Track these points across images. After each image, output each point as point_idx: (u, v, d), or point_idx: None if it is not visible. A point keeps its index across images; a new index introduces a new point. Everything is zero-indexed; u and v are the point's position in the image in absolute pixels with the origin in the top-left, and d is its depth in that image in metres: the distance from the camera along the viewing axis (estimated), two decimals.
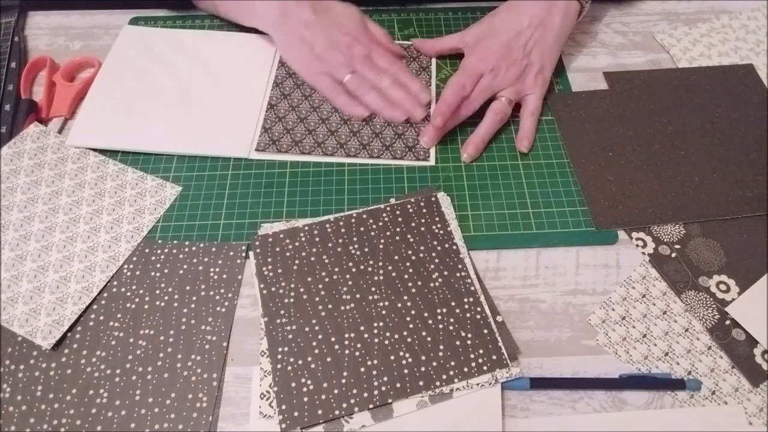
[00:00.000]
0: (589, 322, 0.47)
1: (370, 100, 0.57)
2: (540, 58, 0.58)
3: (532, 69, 0.58)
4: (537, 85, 0.58)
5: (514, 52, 0.57)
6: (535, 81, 0.58)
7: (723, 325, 0.47)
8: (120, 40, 0.64)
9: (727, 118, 0.59)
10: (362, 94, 0.57)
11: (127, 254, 0.50)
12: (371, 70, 0.57)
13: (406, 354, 0.44)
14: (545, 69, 0.58)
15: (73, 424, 0.42)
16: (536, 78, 0.58)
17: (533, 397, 0.44)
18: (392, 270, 0.48)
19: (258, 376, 0.44)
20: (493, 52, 0.57)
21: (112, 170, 0.55)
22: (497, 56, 0.57)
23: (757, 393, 0.44)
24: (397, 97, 0.56)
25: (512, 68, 0.57)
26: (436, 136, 0.56)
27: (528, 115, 0.58)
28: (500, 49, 0.57)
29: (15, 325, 0.46)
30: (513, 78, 0.57)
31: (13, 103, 0.59)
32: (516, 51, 0.57)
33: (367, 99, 0.57)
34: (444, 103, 0.55)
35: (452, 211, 0.52)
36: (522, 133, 0.57)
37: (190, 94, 0.60)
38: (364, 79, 0.57)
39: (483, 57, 0.58)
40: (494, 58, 0.57)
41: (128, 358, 0.45)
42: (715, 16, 0.69)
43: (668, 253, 0.50)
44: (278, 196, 0.54)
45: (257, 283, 0.48)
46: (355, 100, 0.57)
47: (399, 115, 0.56)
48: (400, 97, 0.56)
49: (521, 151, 0.57)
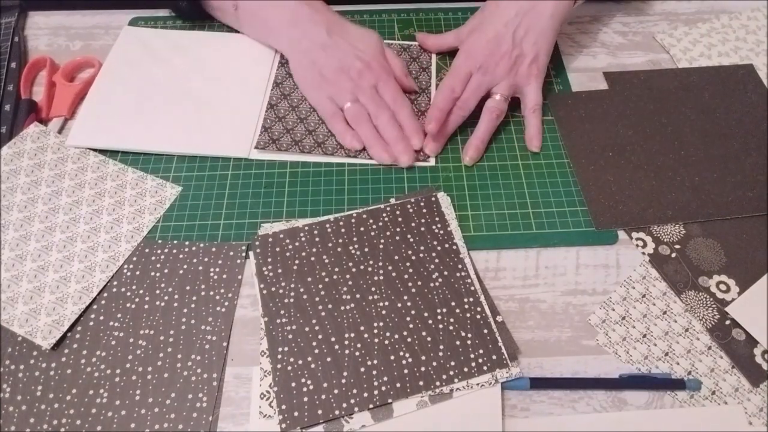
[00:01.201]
0: (589, 322, 0.47)
1: (363, 133, 0.56)
2: (533, 46, 0.56)
3: (525, 59, 0.56)
4: (532, 75, 0.57)
5: (502, 44, 0.56)
6: (529, 70, 0.56)
7: (723, 325, 0.47)
8: (120, 41, 0.64)
9: (727, 118, 0.59)
10: (357, 125, 0.56)
11: (127, 254, 0.50)
12: (372, 102, 0.56)
13: (406, 354, 0.44)
14: (540, 57, 0.57)
15: (73, 424, 0.42)
16: (530, 67, 0.56)
17: (533, 397, 0.44)
18: (392, 270, 0.48)
19: (258, 376, 0.44)
20: (481, 48, 0.56)
21: (112, 170, 0.55)
22: (485, 52, 0.56)
23: (757, 393, 0.44)
24: (390, 136, 0.55)
25: (502, 62, 0.56)
26: (438, 142, 0.56)
27: (530, 112, 0.57)
28: (488, 45, 0.56)
29: (15, 325, 0.46)
30: (504, 71, 0.56)
31: (13, 103, 0.59)
32: (505, 43, 0.56)
33: (360, 131, 0.56)
34: (436, 109, 0.55)
35: (452, 211, 0.52)
36: (530, 132, 0.57)
37: (190, 94, 0.60)
38: (362, 109, 0.56)
39: (470, 55, 0.57)
40: (481, 54, 0.56)
41: (128, 358, 0.45)
42: (715, 17, 0.69)
43: (668, 253, 0.50)
44: (278, 196, 0.54)
45: (257, 283, 0.48)
46: (350, 129, 0.56)
47: (386, 158, 0.55)
48: (392, 137, 0.55)
49: (532, 151, 0.56)
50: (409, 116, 0.56)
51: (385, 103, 0.57)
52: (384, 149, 0.55)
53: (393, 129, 0.55)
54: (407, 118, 0.56)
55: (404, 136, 0.56)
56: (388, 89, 0.57)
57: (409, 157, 0.55)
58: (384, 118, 0.56)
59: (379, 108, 0.56)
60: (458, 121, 0.57)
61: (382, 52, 0.60)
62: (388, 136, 0.55)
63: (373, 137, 0.55)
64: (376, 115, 0.56)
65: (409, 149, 0.55)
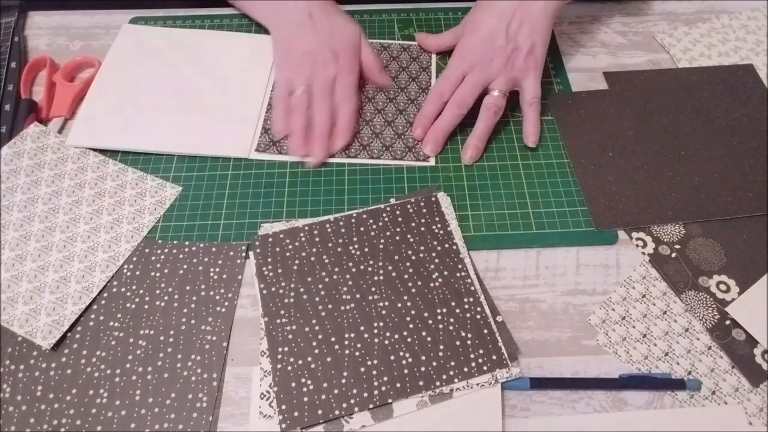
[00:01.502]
0: (589, 322, 0.47)
1: (293, 120, 0.56)
2: (528, 38, 0.55)
3: (521, 52, 0.55)
4: (529, 68, 0.56)
5: (497, 40, 0.55)
6: (525, 63, 0.56)
7: (723, 325, 0.47)
8: (119, 40, 0.64)
9: (727, 118, 0.59)
10: (292, 112, 0.56)
11: (127, 254, 0.50)
12: (320, 94, 0.56)
13: (406, 354, 0.44)
14: (536, 48, 0.56)
15: (73, 424, 0.42)
16: (527, 60, 0.56)
17: (533, 397, 0.44)
18: (392, 270, 0.48)
19: (258, 376, 0.44)
20: (474, 47, 0.56)
21: (112, 170, 0.55)
22: (478, 51, 0.56)
23: (757, 393, 0.44)
24: (316, 132, 0.55)
25: (497, 58, 0.55)
26: (437, 143, 0.56)
27: (527, 105, 0.56)
28: (481, 43, 0.56)
29: (15, 325, 0.46)
30: (500, 67, 0.55)
31: (13, 103, 0.59)
32: (499, 38, 0.55)
33: (291, 117, 0.56)
34: (423, 116, 0.56)
35: (452, 211, 0.52)
36: (527, 128, 0.56)
37: (190, 95, 0.60)
38: (305, 100, 0.56)
39: (463, 56, 0.57)
40: (475, 53, 0.56)
41: (128, 358, 0.45)
42: (715, 16, 0.69)
43: (668, 253, 0.50)
44: (278, 196, 0.54)
45: (257, 283, 0.48)
46: (287, 116, 0.56)
47: (298, 152, 0.55)
48: (316, 134, 0.55)
49: (528, 146, 0.56)
50: (347, 116, 0.57)
51: (332, 99, 0.57)
52: (300, 144, 0.55)
53: (322, 126, 0.55)
54: (344, 117, 0.56)
55: (327, 137, 0.56)
56: (344, 85, 0.57)
57: (318, 160, 0.55)
58: (321, 113, 0.56)
59: (322, 101, 0.56)
60: (455, 120, 0.56)
61: (357, 45, 0.60)
62: (314, 132, 0.56)
63: (299, 128, 0.56)
64: (316, 107, 0.56)
65: (323, 152, 0.55)
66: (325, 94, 0.56)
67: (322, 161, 0.55)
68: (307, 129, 0.56)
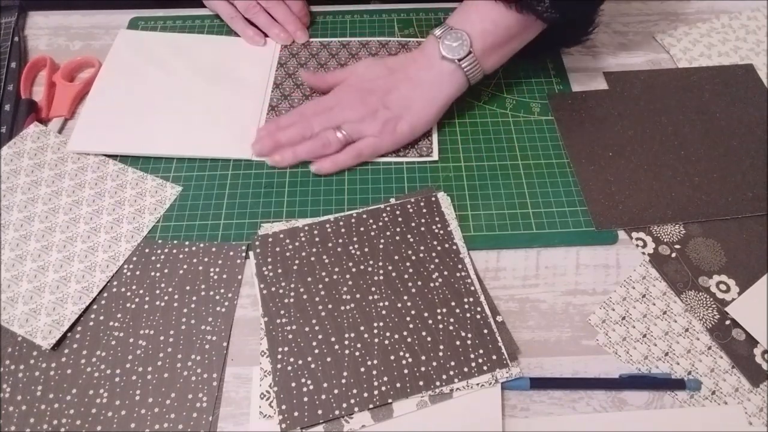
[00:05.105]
0: (589, 322, 0.47)
1: (261, 21, 0.63)
2: (400, 108, 0.54)
3: (383, 114, 0.53)
4: (385, 132, 0.53)
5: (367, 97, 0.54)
6: (382, 127, 0.53)
7: (723, 325, 0.47)
8: (116, 45, 0.64)
9: (727, 118, 0.59)
10: (255, 16, 0.63)
11: (127, 254, 0.50)
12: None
13: (406, 354, 0.44)
14: (402, 121, 0.53)
15: (73, 424, 0.42)
16: (385, 124, 0.53)
17: (533, 397, 0.44)
18: (392, 270, 0.48)
19: (258, 376, 0.44)
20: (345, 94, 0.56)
21: (112, 170, 0.55)
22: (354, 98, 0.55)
23: (757, 393, 0.44)
24: (283, 18, 0.63)
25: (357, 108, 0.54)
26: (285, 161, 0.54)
27: (351, 149, 0.54)
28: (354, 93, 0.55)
29: (15, 325, 0.46)
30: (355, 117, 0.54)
31: (13, 103, 0.59)
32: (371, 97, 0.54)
33: (257, 20, 0.63)
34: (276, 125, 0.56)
35: (452, 211, 0.52)
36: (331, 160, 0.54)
37: (190, 97, 0.60)
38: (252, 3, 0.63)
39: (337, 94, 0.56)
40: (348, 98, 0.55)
41: (128, 358, 0.45)
42: (715, 16, 0.69)
43: (668, 253, 0.50)
44: (278, 196, 0.54)
45: (257, 283, 0.48)
46: (251, 26, 0.64)
47: (284, 37, 0.63)
48: (285, 19, 0.63)
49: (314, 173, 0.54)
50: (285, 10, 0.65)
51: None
52: (282, 30, 0.64)
53: (284, 11, 0.64)
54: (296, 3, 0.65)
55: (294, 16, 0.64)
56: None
57: (303, 33, 0.64)
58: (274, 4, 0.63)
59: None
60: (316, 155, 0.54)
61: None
62: (281, 18, 0.64)
63: (269, 23, 0.64)
64: (267, 5, 0.63)
65: (302, 27, 0.64)
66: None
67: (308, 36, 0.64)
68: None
